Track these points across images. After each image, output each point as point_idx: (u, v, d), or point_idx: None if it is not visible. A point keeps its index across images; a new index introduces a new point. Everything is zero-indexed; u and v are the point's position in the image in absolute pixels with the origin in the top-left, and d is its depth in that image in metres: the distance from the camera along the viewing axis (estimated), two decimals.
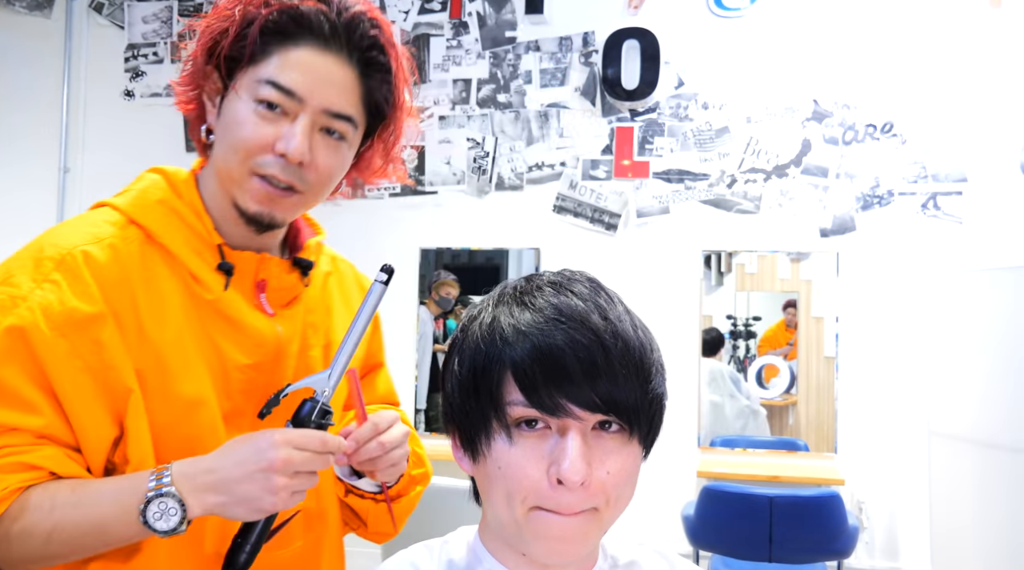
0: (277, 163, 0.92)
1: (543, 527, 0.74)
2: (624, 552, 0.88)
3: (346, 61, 0.94)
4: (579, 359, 0.73)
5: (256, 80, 0.91)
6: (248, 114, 0.91)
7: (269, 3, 0.92)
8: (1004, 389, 2.75)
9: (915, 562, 3.41)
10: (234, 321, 0.94)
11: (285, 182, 0.93)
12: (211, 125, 0.96)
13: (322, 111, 0.93)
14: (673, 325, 3.62)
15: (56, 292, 0.85)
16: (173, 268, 0.92)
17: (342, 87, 0.94)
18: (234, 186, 0.94)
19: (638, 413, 0.75)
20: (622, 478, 0.75)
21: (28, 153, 4.24)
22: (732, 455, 3.65)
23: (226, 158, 0.93)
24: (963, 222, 3.45)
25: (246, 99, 0.92)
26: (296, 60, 0.91)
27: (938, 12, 3.49)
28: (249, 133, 0.91)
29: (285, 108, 0.91)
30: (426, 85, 3.95)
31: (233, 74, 0.93)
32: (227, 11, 0.92)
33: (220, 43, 0.92)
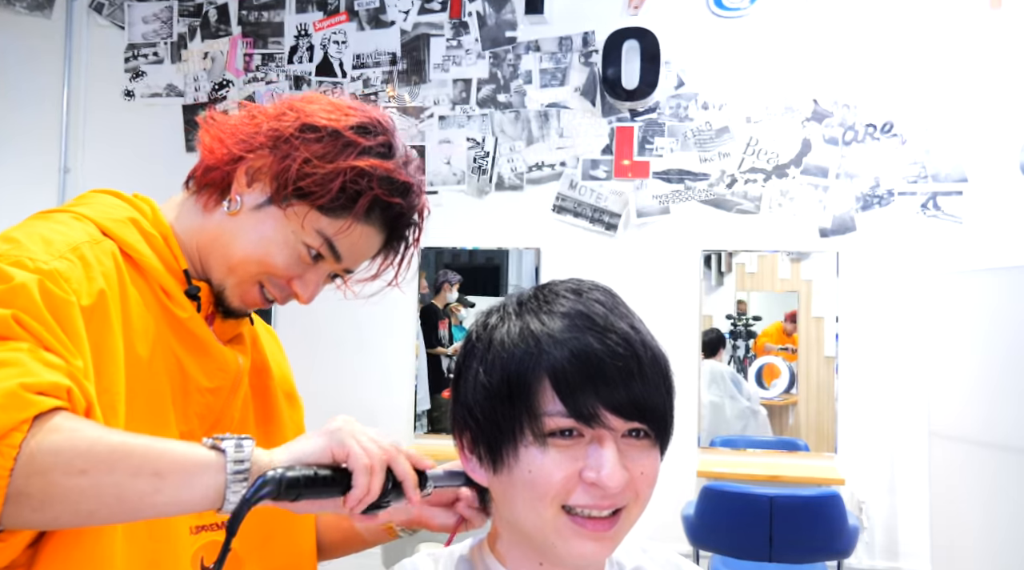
0: (283, 291, 0.97)
1: (576, 527, 0.74)
2: (629, 558, 0.88)
3: (383, 234, 0.98)
4: (616, 366, 0.73)
5: (315, 228, 0.92)
6: (289, 247, 0.93)
7: (377, 181, 0.92)
8: (1004, 389, 2.75)
9: (915, 562, 3.41)
10: (203, 343, 0.93)
11: (276, 299, 0.98)
12: (238, 197, 0.94)
13: (344, 269, 0.99)
14: (673, 325, 3.61)
15: (73, 270, 0.82)
16: (148, 283, 0.90)
17: (370, 252, 0.99)
18: (230, 277, 0.95)
19: (665, 420, 0.77)
20: (651, 478, 0.77)
21: (28, 153, 4.24)
22: (732, 455, 3.65)
23: (242, 257, 0.94)
24: (963, 222, 3.45)
25: (293, 231, 0.93)
26: (358, 234, 0.94)
27: (938, 12, 3.49)
28: (281, 263, 0.94)
29: (323, 260, 0.95)
30: (426, 85, 3.95)
31: (287, 196, 0.92)
32: (332, 158, 0.91)
33: (310, 178, 0.91)
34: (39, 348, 0.74)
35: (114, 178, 4.34)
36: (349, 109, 0.95)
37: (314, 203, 0.91)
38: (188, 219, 0.97)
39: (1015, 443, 2.67)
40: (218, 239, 0.94)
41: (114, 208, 0.93)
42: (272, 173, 0.92)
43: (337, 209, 0.92)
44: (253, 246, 0.93)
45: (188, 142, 4.16)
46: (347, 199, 0.91)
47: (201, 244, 0.95)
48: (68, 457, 0.69)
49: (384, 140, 0.95)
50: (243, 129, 0.95)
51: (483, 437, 0.78)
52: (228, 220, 0.94)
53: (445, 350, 3.97)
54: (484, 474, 0.80)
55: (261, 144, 0.93)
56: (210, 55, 4.18)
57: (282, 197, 0.92)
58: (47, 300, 0.78)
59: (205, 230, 0.95)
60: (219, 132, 0.97)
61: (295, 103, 0.96)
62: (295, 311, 4.19)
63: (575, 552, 0.75)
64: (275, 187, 0.92)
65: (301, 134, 0.92)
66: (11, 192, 4.20)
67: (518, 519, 0.77)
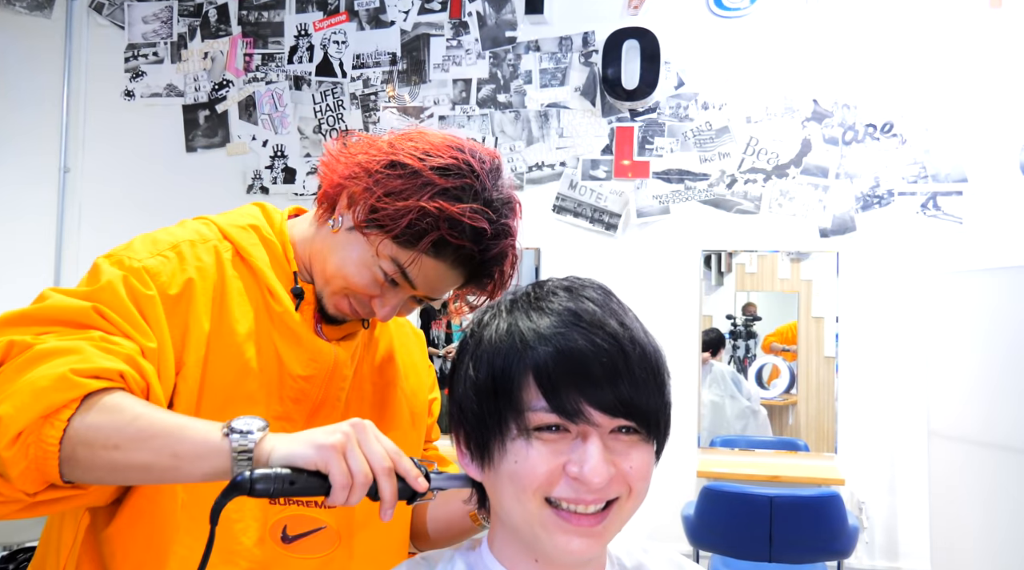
0: (365, 307, 1.07)
1: (561, 522, 0.74)
2: (630, 556, 0.88)
3: (459, 271, 1.05)
4: (601, 363, 0.73)
5: (390, 256, 1.01)
6: (367, 269, 1.03)
7: (445, 223, 0.99)
8: (1004, 389, 2.75)
9: (915, 562, 3.41)
10: (296, 335, 1.04)
11: (360, 315, 1.08)
12: (340, 217, 1.05)
13: (425, 296, 1.07)
14: (673, 325, 3.61)
15: (165, 265, 0.98)
16: (255, 281, 1.04)
17: (449, 286, 1.07)
18: (325, 286, 1.06)
19: (656, 417, 0.76)
20: (643, 471, 0.76)
21: (28, 153, 4.24)
22: (732, 455, 3.65)
23: (333, 272, 1.05)
24: (963, 222, 3.45)
25: (371, 255, 1.02)
26: (430, 267, 1.02)
27: (938, 12, 3.49)
28: (361, 282, 1.04)
29: (399, 285, 1.04)
30: (426, 85, 3.95)
31: (363, 224, 1.02)
32: (406, 196, 0.99)
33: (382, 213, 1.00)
34: (110, 336, 0.89)
35: (114, 178, 4.35)
36: (446, 149, 1.02)
37: (387, 234, 1.00)
38: (307, 230, 1.10)
39: (1015, 443, 2.67)
40: (321, 252, 1.07)
41: (244, 216, 1.09)
42: (358, 201, 1.02)
43: (406, 242, 1.00)
44: (340, 263, 1.04)
45: (188, 142, 4.16)
46: (413, 235, 0.99)
47: (312, 253, 1.08)
48: (106, 433, 0.82)
49: (464, 183, 1.00)
50: (351, 157, 1.05)
51: (473, 432, 0.79)
52: (330, 236, 1.06)
53: (436, 351, 3.97)
54: (477, 470, 0.81)
55: (356, 174, 1.03)
56: (210, 55, 4.18)
57: (363, 224, 1.02)
58: (130, 294, 0.94)
59: (315, 241, 1.08)
60: (335, 156, 1.07)
61: (395, 140, 1.04)
62: None
63: (561, 547, 0.75)
64: (358, 214, 1.03)
65: (386, 170, 1.01)
66: (11, 192, 4.20)
67: (506, 513, 0.78)
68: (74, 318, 0.90)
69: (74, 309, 0.90)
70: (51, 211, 4.17)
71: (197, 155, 4.14)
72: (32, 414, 0.80)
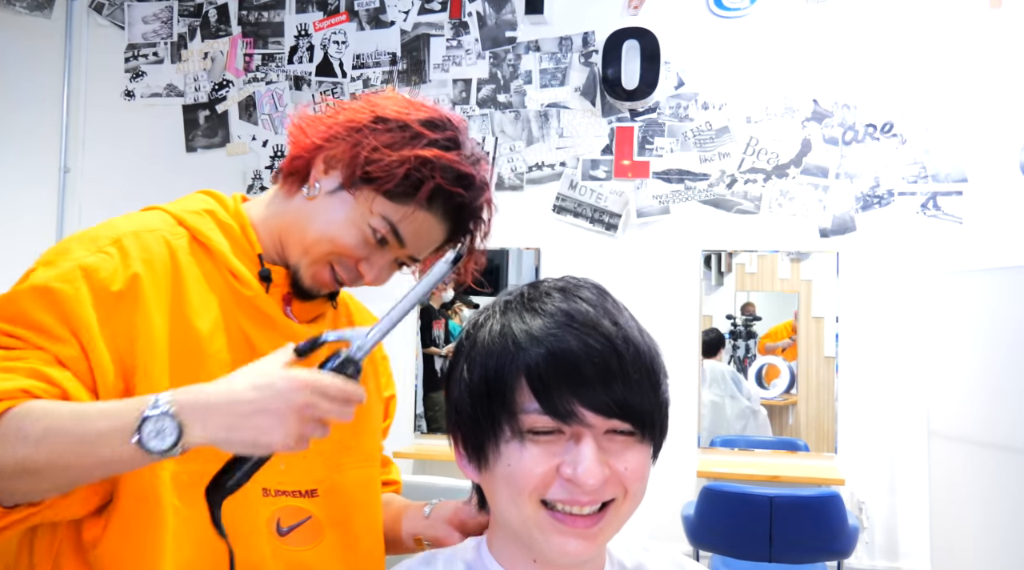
0: (351, 272, 1.04)
1: (556, 523, 0.74)
2: (630, 556, 0.88)
3: (446, 225, 1.05)
4: (594, 364, 0.73)
5: (381, 213, 1.00)
6: (357, 227, 1.01)
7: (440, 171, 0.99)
8: (1004, 389, 2.75)
9: (915, 562, 3.41)
10: (270, 319, 1.01)
11: (344, 281, 1.05)
12: (316, 182, 1.03)
13: (409, 256, 1.05)
14: (673, 325, 3.61)
15: (107, 262, 0.93)
16: (216, 266, 1.00)
17: (434, 242, 1.06)
18: (303, 257, 1.03)
19: (651, 418, 0.76)
20: (639, 473, 0.76)
21: (28, 153, 4.24)
22: (732, 455, 3.65)
23: (316, 237, 1.02)
24: (963, 222, 3.45)
25: (361, 214, 1.00)
26: (421, 221, 1.01)
27: (938, 12, 3.49)
28: (349, 243, 1.01)
29: (388, 244, 1.02)
30: (426, 85, 3.95)
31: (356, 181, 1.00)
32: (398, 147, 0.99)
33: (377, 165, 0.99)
34: (10, 351, 0.85)
35: (114, 178, 4.35)
36: (421, 106, 1.04)
37: (380, 188, 0.99)
38: (272, 208, 1.06)
39: (1015, 443, 2.67)
40: (296, 222, 1.03)
41: (197, 202, 1.05)
42: (344, 160, 1.00)
43: (401, 195, 0.99)
44: (325, 227, 1.01)
45: (188, 142, 4.16)
46: (410, 186, 0.98)
47: (282, 228, 1.04)
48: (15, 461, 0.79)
49: (451, 135, 1.02)
50: (325, 121, 1.04)
51: (468, 435, 0.79)
52: (306, 204, 1.03)
53: (439, 350, 3.97)
54: (474, 472, 0.81)
55: (338, 134, 1.01)
56: (210, 55, 4.18)
57: (352, 181, 1.00)
58: (45, 300, 0.89)
59: (286, 214, 1.04)
60: (304, 123, 1.05)
61: (372, 98, 1.05)
62: None
63: (557, 549, 0.75)
64: (346, 172, 1.00)
65: (373, 125, 1.01)
66: (11, 192, 4.20)
67: (503, 515, 0.78)
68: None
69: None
70: (51, 211, 4.17)
71: (197, 155, 4.14)
72: None
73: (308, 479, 1.01)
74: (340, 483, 1.04)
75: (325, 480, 1.02)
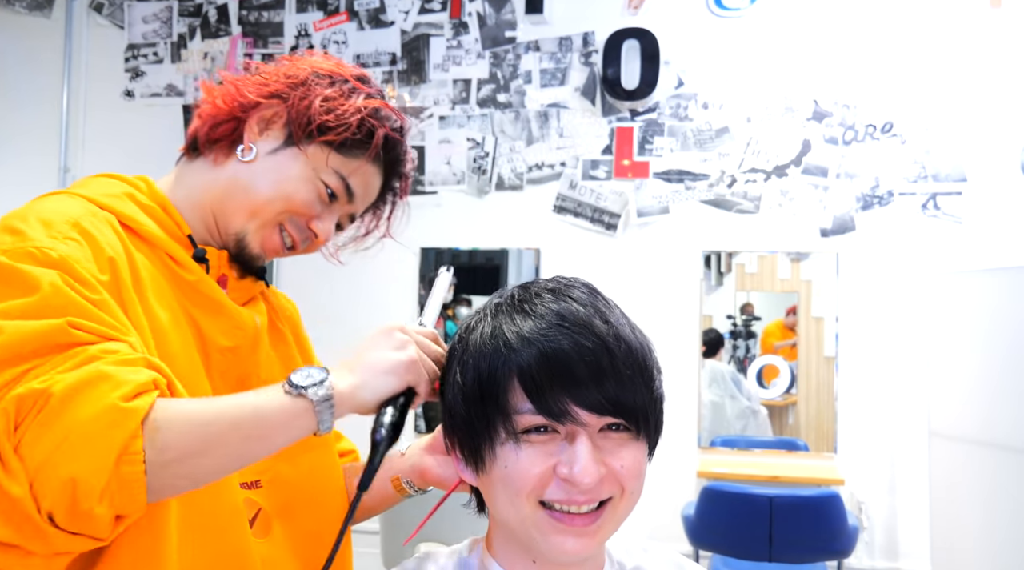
0: (303, 232, 1.01)
1: (555, 522, 0.75)
2: (629, 556, 0.88)
3: (383, 177, 1.06)
4: (586, 363, 0.73)
5: (333, 168, 0.99)
6: (310, 184, 0.98)
7: (387, 122, 1.01)
8: (1004, 389, 2.75)
9: (915, 562, 3.41)
10: (217, 303, 0.96)
11: (295, 244, 1.02)
12: (252, 145, 1.00)
13: (349, 214, 1.04)
14: (673, 325, 3.61)
15: (79, 249, 0.83)
16: (152, 251, 0.93)
17: (373, 196, 1.06)
18: (251, 221, 0.99)
19: (645, 414, 0.76)
20: (635, 470, 0.76)
21: (28, 153, 4.24)
22: (732, 455, 3.65)
23: (267, 197, 0.98)
24: (963, 222, 3.45)
25: (314, 170, 0.98)
26: (368, 174, 1.02)
27: (938, 12, 3.49)
28: (303, 200, 0.99)
29: (337, 200, 1.01)
30: (426, 85, 3.95)
31: (310, 133, 0.98)
32: (347, 99, 0.99)
33: (332, 114, 0.98)
34: (104, 342, 0.76)
35: None
36: (342, 63, 1.05)
37: (334, 140, 0.97)
38: (193, 181, 1.01)
39: (1015, 443, 2.67)
40: (234, 187, 0.99)
41: (109, 185, 0.96)
42: (291, 114, 0.98)
43: (353, 147, 0.99)
44: (276, 186, 0.98)
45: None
46: (364, 135, 0.99)
47: (214, 199, 0.99)
48: (183, 446, 0.74)
49: (377, 89, 1.03)
50: (252, 82, 1.01)
51: (464, 438, 0.79)
52: (243, 168, 0.99)
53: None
54: (472, 475, 0.81)
55: (276, 91, 0.99)
56: (210, 55, 4.18)
57: (303, 135, 0.98)
58: (79, 291, 0.79)
59: (217, 184, 0.99)
60: (232, 85, 1.02)
61: (299, 59, 1.04)
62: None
63: (556, 548, 0.75)
64: (295, 127, 0.98)
65: (317, 79, 1.00)
66: (11, 192, 4.18)
67: (502, 516, 0.78)
68: (51, 341, 0.75)
69: (45, 332, 0.74)
70: None
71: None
72: (105, 462, 0.69)
73: (250, 470, 0.94)
74: (284, 473, 0.99)
75: (268, 470, 0.97)
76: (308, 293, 3.92)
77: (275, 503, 0.98)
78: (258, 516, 0.96)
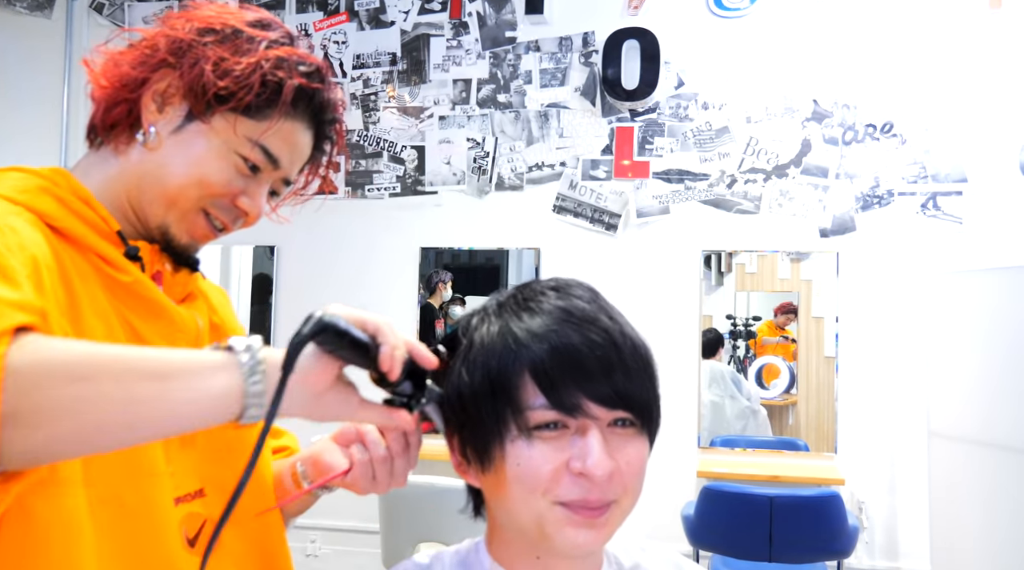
0: (230, 212, 0.91)
1: (569, 513, 0.75)
2: (628, 556, 0.88)
3: (311, 130, 0.94)
4: (596, 357, 0.75)
5: (246, 137, 0.88)
6: (224, 160, 0.88)
7: (296, 70, 0.88)
8: (1004, 389, 2.75)
9: (915, 562, 3.41)
10: (155, 305, 0.86)
11: (225, 226, 0.92)
12: (150, 126, 0.88)
13: (282, 178, 0.93)
14: (673, 325, 3.62)
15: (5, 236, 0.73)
16: (80, 252, 0.82)
17: (304, 154, 0.94)
18: (171, 212, 0.88)
19: (649, 408, 0.78)
20: (638, 467, 0.78)
21: (28, 153, 4.24)
22: (732, 455, 3.65)
23: (179, 185, 0.87)
24: (963, 222, 3.45)
25: (224, 143, 0.88)
26: (288, 132, 0.90)
27: (938, 12, 3.49)
28: (221, 180, 0.88)
29: (261, 170, 0.90)
30: (426, 85, 3.95)
31: (209, 104, 0.86)
32: (242, 55, 0.87)
33: (228, 78, 0.86)
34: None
35: None
36: (237, 8, 0.92)
37: (238, 105, 0.86)
38: (102, 171, 0.89)
39: (1015, 443, 2.67)
40: (144, 177, 0.88)
41: (22, 180, 0.83)
42: (185, 86, 0.86)
43: (262, 107, 0.87)
44: (186, 169, 0.87)
45: None
46: (271, 93, 0.87)
47: (128, 190, 0.88)
48: (64, 365, 0.61)
49: (284, 32, 0.91)
50: (136, 53, 0.89)
51: (471, 436, 0.79)
52: (149, 155, 0.88)
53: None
54: (475, 475, 0.81)
55: (161, 60, 0.87)
56: None
57: (204, 107, 0.86)
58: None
59: (126, 174, 0.88)
60: (112, 62, 0.89)
61: (181, 14, 0.90)
62: (293, 313, 4.17)
63: (569, 541, 0.76)
64: (193, 99, 0.86)
65: (202, 38, 0.87)
66: None
67: (510, 515, 0.78)
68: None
69: None
70: None
71: None
72: None
73: (193, 478, 0.86)
74: (228, 478, 0.86)
75: (211, 477, 0.88)
76: (308, 293, 3.92)
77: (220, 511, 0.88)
78: (203, 528, 0.86)
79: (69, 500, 0.74)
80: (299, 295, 3.97)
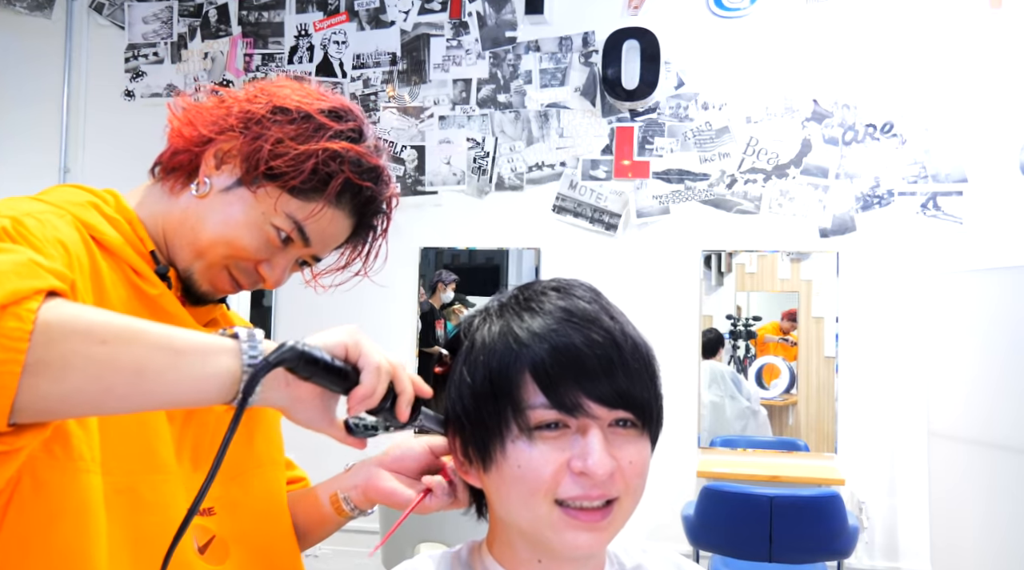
0: (251, 276, 0.96)
1: (569, 518, 0.75)
2: (630, 557, 0.88)
3: (352, 220, 0.98)
4: (596, 356, 0.75)
5: (285, 211, 0.92)
6: (258, 229, 0.92)
7: (349, 164, 0.92)
8: (1004, 389, 2.75)
9: (915, 562, 3.41)
10: (177, 320, 0.90)
11: (242, 286, 0.96)
12: (206, 178, 0.94)
13: (312, 255, 0.97)
14: (673, 325, 3.61)
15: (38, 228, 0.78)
16: (113, 262, 0.87)
17: (339, 239, 0.98)
18: (198, 261, 0.93)
19: (651, 408, 0.78)
20: (640, 467, 0.78)
21: (28, 153, 4.24)
22: (732, 455, 3.65)
23: (211, 240, 0.92)
24: (963, 222, 3.45)
25: (262, 213, 0.92)
26: (328, 218, 0.94)
27: (938, 12, 3.49)
28: (250, 245, 0.93)
29: (293, 243, 0.94)
30: (426, 85, 3.95)
31: (258, 178, 0.91)
32: (304, 140, 0.91)
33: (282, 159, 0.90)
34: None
35: (114, 178, 4.31)
36: (320, 94, 0.96)
37: (285, 185, 0.91)
38: (153, 205, 0.95)
39: (1015, 443, 2.67)
40: (185, 222, 0.93)
41: (74, 194, 0.91)
42: (243, 154, 0.91)
43: (308, 191, 0.91)
44: (221, 228, 0.92)
45: None
46: (319, 181, 0.91)
47: (167, 228, 0.94)
48: (87, 327, 0.65)
49: (355, 125, 0.95)
50: (214, 112, 0.95)
51: (472, 436, 0.79)
52: (195, 203, 0.93)
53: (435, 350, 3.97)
54: (476, 476, 0.81)
55: (232, 126, 0.93)
56: (210, 55, 4.18)
57: (252, 178, 0.91)
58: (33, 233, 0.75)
59: (171, 214, 0.94)
60: (189, 115, 0.95)
61: (266, 86, 0.96)
62: (294, 315, 4.17)
63: (570, 543, 0.76)
64: (245, 168, 0.91)
65: (273, 116, 0.92)
66: (11, 192, 4.18)
67: (512, 516, 0.78)
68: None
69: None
70: None
71: None
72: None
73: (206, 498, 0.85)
74: (239, 498, 0.95)
75: (222, 497, 0.92)
76: (307, 293, 3.92)
77: (230, 529, 0.93)
78: (212, 543, 0.91)
79: (84, 478, 0.78)
80: (298, 295, 3.97)
